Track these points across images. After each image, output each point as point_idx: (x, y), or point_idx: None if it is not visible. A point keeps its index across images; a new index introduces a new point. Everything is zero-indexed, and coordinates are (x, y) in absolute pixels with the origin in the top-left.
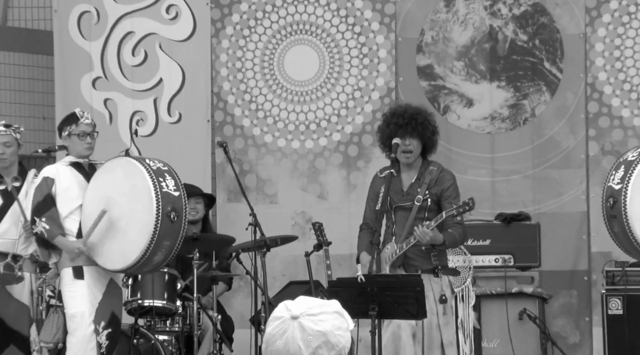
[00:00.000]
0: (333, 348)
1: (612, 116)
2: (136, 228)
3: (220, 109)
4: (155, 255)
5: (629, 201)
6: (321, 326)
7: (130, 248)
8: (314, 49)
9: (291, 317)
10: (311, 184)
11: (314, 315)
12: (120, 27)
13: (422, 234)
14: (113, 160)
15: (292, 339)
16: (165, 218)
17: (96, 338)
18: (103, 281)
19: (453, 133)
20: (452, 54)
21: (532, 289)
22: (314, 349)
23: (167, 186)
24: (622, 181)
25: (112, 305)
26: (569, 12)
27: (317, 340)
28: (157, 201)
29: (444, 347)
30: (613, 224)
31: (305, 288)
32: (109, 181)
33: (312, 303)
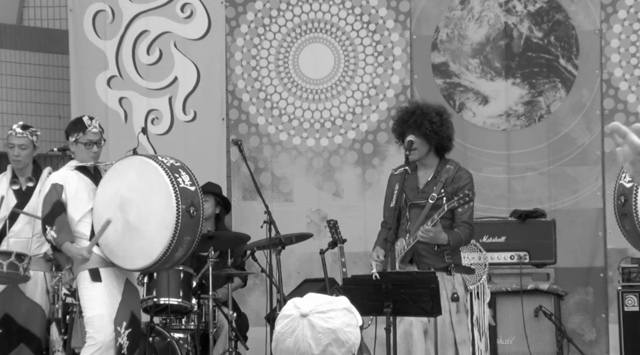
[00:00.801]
0: (343, 345)
1: (628, 112)
2: (156, 225)
3: (235, 107)
4: (177, 251)
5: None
6: (331, 323)
7: (151, 246)
8: (328, 47)
9: (300, 315)
10: (326, 181)
11: (323, 313)
12: (135, 26)
13: (424, 231)
14: (123, 161)
15: (302, 337)
16: (185, 213)
17: (118, 340)
18: (120, 282)
19: (468, 130)
20: (467, 52)
21: (548, 286)
22: (324, 346)
23: (183, 182)
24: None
25: (131, 305)
26: (584, 8)
27: (327, 337)
28: (177, 197)
29: (457, 345)
30: (624, 222)
31: (320, 286)
32: (122, 181)
33: (321, 300)
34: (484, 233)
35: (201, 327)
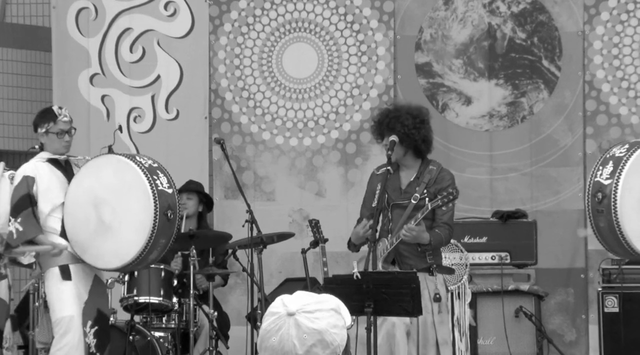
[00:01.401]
0: (328, 346)
1: (610, 114)
2: (132, 227)
3: (218, 105)
4: (152, 253)
5: (619, 196)
6: (317, 324)
7: (126, 247)
8: (312, 47)
9: (287, 314)
10: (309, 181)
11: (310, 313)
12: (118, 24)
13: (407, 230)
14: (99, 158)
15: (287, 336)
16: (162, 217)
17: (85, 340)
18: (88, 279)
19: (451, 131)
20: (451, 52)
21: (529, 287)
22: (308, 347)
23: (161, 184)
24: (612, 176)
25: (97, 303)
26: (568, 10)
27: (312, 338)
28: (155, 201)
29: (439, 346)
30: (599, 219)
31: (301, 285)
32: (97, 179)
33: (309, 299)
34: (465, 233)
35: (182, 325)
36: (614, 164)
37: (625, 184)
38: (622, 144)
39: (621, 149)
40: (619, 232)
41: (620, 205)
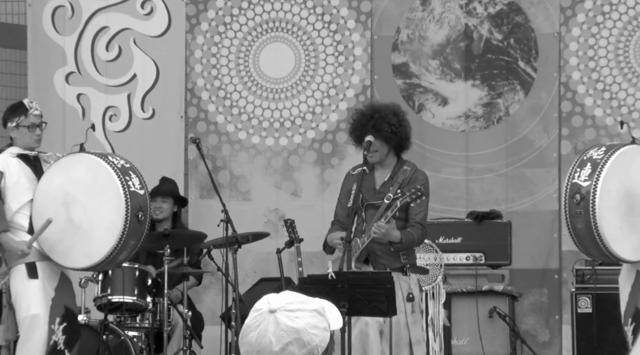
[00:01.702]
0: (304, 346)
1: (585, 115)
2: (102, 228)
3: (194, 105)
4: (121, 254)
5: (598, 198)
6: (295, 323)
7: (96, 247)
8: (289, 47)
9: (269, 311)
10: (285, 181)
11: (291, 311)
12: (94, 22)
13: (376, 228)
14: (71, 156)
15: (265, 332)
16: (133, 218)
17: (52, 338)
18: (55, 276)
19: (427, 131)
20: (428, 53)
21: (503, 287)
22: (284, 344)
23: (133, 185)
24: (590, 178)
25: (65, 300)
26: (544, 11)
27: (288, 336)
28: (127, 201)
29: (412, 346)
30: (577, 221)
31: (276, 285)
32: (68, 177)
33: (294, 299)
34: (440, 234)
35: (155, 325)
36: (592, 166)
37: (604, 186)
38: (598, 146)
39: (598, 151)
40: (597, 234)
41: (598, 207)
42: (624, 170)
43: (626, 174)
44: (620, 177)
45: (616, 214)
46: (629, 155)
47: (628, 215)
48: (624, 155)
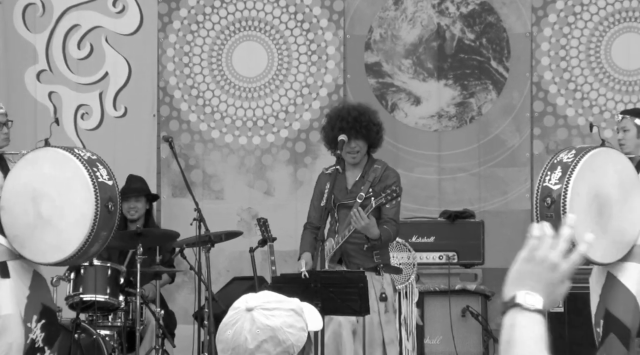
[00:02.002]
0: (279, 344)
1: (557, 115)
2: (73, 220)
3: (167, 103)
4: (93, 246)
5: (568, 201)
6: (272, 321)
7: (67, 240)
8: (262, 46)
9: (246, 309)
10: (258, 180)
11: (267, 310)
12: (65, 20)
13: (356, 218)
14: (37, 151)
15: (241, 329)
16: (103, 209)
17: (30, 336)
18: (28, 274)
19: (400, 131)
20: (400, 52)
21: (475, 286)
22: (259, 342)
23: (101, 176)
24: (561, 181)
25: (41, 297)
26: (516, 11)
27: (264, 334)
28: (96, 192)
29: (385, 345)
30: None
31: (249, 284)
32: (35, 173)
33: (272, 298)
34: (413, 233)
35: (128, 324)
36: (562, 169)
37: (574, 188)
38: (568, 149)
39: (568, 154)
40: None
41: (569, 210)
42: (594, 173)
43: (596, 177)
44: (590, 179)
45: (587, 217)
46: (599, 158)
47: (598, 217)
48: (594, 158)
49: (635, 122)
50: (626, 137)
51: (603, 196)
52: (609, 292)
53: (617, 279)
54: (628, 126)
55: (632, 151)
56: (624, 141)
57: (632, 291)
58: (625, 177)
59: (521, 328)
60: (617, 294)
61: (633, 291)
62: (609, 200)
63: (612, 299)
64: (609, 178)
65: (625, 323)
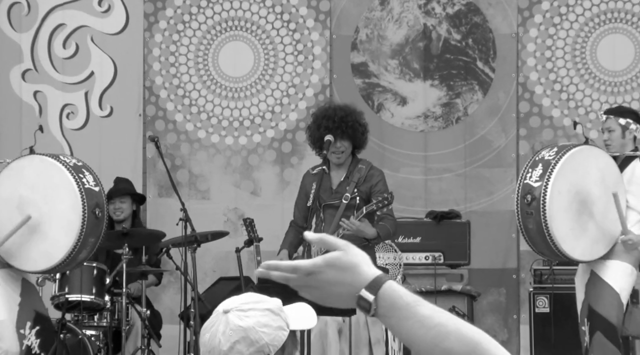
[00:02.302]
0: (252, 344)
1: (543, 116)
2: (60, 227)
3: (152, 103)
4: (81, 253)
5: (548, 199)
6: (244, 322)
7: (55, 248)
8: (248, 46)
9: (223, 311)
10: (244, 180)
11: (242, 311)
12: (51, 19)
13: (349, 224)
14: (21, 160)
15: (216, 332)
16: (90, 215)
17: (24, 343)
18: (17, 283)
19: (386, 131)
20: (387, 52)
21: (462, 287)
22: (232, 343)
23: (87, 182)
24: (542, 179)
25: (33, 304)
26: (502, 12)
27: (236, 335)
28: (83, 199)
29: (372, 345)
30: (528, 221)
31: (235, 284)
32: (21, 181)
33: (250, 299)
34: (399, 233)
35: (113, 324)
36: (543, 167)
37: (555, 186)
38: (550, 146)
39: (550, 152)
40: (547, 234)
41: (549, 207)
42: (575, 171)
43: (577, 175)
44: (571, 177)
45: (567, 214)
46: (580, 155)
47: (579, 215)
48: (576, 155)
49: (620, 122)
50: (612, 137)
51: (584, 194)
52: (592, 290)
53: (599, 278)
54: (613, 126)
55: (618, 150)
56: (609, 142)
57: (615, 288)
58: (607, 175)
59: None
60: (600, 291)
61: (616, 288)
62: (590, 198)
63: (596, 297)
64: (591, 176)
65: (610, 320)
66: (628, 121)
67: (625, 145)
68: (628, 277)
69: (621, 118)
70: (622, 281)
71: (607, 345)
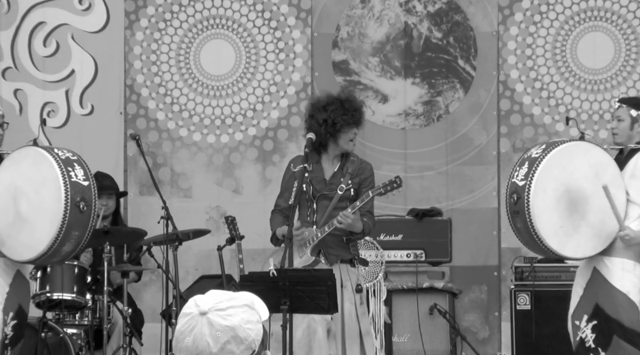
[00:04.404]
0: (242, 342)
1: (524, 114)
2: (45, 218)
3: (134, 101)
4: (64, 245)
5: (532, 197)
6: (229, 321)
7: (39, 238)
8: (230, 44)
9: (200, 313)
10: (226, 178)
11: (222, 310)
12: (31, 17)
13: (343, 217)
14: (21, 150)
15: (201, 335)
16: (74, 208)
17: (4, 329)
18: (10, 273)
19: (367, 128)
20: (368, 50)
21: (443, 284)
22: (222, 344)
23: (76, 175)
24: (526, 177)
25: (20, 298)
26: (482, 10)
27: (225, 335)
28: (66, 190)
29: (362, 336)
30: (516, 220)
31: (217, 282)
32: (17, 171)
33: (222, 297)
34: (380, 231)
35: (95, 322)
36: (529, 165)
37: (538, 184)
38: (540, 144)
39: (538, 149)
40: (534, 233)
41: (533, 206)
42: (563, 168)
43: (565, 172)
44: (558, 174)
45: (554, 212)
46: (568, 152)
47: (569, 212)
48: (563, 152)
49: (631, 113)
50: (619, 126)
51: (574, 191)
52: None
53: (604, 278)
54: (623, 116)
55: (624, 142)
56: (616, 130)
57: (621, 290)
58: (601, 170)
59: None
60: (607, 294)
61: (623, 290)
62: (583, 194)
63: (604, 300)
64: (582, 172)
65: (622, 322)
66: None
67: (633, 137)
68: (631, 275)
69: (633, 109)
70: (627, 281)
71: (625, 348)
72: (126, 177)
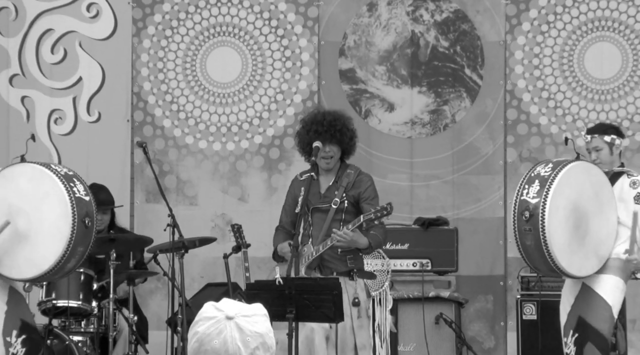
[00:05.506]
0: (268, 350)
1: (530, 123)
2: (49, 235)
3: (140, 109)
4: (69, 262)
5: (547, 215)
6: (257, 328)
7: (43, 256)
8: (236, 51)
9: (226, 317)
10: (232, 186)
11: (248, 317)
12: (39, 24)
13: (342, 236)
14: (13, 167)
15: (231, 338)
16: (80, 224)
17: (10, 351)
18: (3, 291)
19: (374, 137)
20: (374, 59)
21: (449, 294)
22: (252, 349)
23: (78, 191)
24: (539, 195)
25: (19, 313)
26: (490, 19)
27: (255, 341)
28: (73, 207)
29: (357, 350)
30: (526, 238)
31: (222, 290)
32: (11, 189)
33: (241, 305)
34: (387, 240)
35: (101, 330)
36: (540, 183)
37: (553, 202)
38: (545, 162)
39: (545, 168)
40: (546, 251)
41: (548, 223)
42: (572, 186)
43: (573, 190)
44: (568, 193)
45: (564, 230)
46: (575, 171)
47: (575, 230)
48: (571, 171)
49: (605, 139)
50: (600, 156)
51: (581, 209)
52: (583, 302)
53: (592, 290)
54: (600, 145)
55: (608, 167)
56: (599, 160)
57: (608, 301)
58: (599, 190)
59: None
60: (593, 304)
61: (609, 301)
62: (586, 213)
63: (588, 310)
64: (585, 191)
65: (602, 332)
66: (612, 137)
67: (614, 161)
68: (619, 292)
69: (605, 135)
70: (614, 296)
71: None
72: (133, 184)
